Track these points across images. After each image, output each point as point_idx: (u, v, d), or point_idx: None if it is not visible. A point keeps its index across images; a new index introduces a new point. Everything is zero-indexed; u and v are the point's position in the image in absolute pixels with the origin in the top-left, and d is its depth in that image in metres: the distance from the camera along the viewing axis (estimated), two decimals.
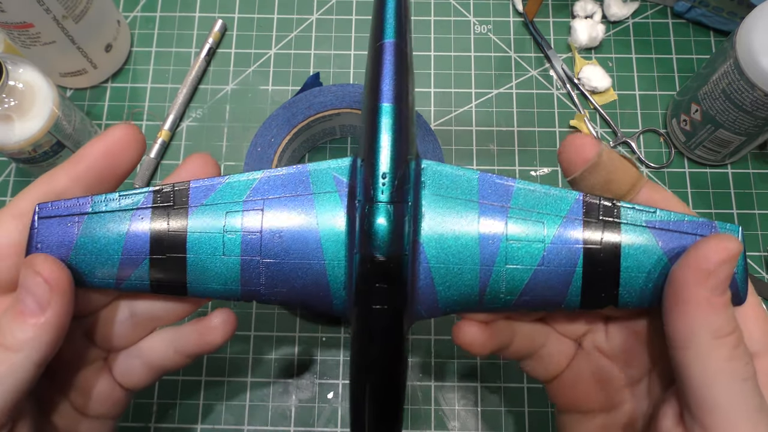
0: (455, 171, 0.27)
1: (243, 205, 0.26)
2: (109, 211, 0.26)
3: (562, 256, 0.26)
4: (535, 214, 0.26)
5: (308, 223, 0.26)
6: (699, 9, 0.53)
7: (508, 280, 0.26)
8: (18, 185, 0.51)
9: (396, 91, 0.25)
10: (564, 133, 0.52)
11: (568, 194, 0.26)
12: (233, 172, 0.32)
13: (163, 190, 0.27)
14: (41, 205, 0.26)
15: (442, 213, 0.26)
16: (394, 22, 0.26)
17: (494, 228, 0.26)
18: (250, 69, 0.54)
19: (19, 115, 0.42)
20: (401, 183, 0.25)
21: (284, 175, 0.27)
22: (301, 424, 0.45)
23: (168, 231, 0.26)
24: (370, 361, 0.26)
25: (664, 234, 0.25)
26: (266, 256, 0.26)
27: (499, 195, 0.26)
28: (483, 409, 0.45)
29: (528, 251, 0.26)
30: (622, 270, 0.26)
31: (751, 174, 0.50)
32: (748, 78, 0.41)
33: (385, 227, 0.24)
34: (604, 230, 0.26)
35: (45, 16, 0.44)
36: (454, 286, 0.26)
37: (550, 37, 0.55)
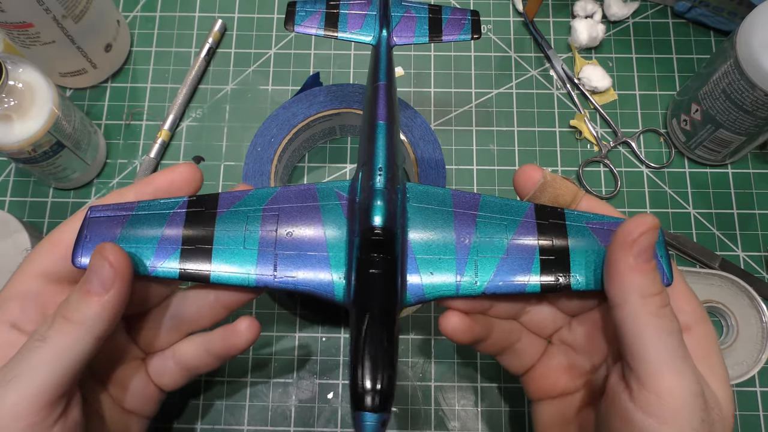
0: (432, 189, 0.33)
1: (263, 210, 0.32)
2: (150, 213, 0.31)
3: (522, 249, 0.32)
4: (498, 218, 0.32)
5: (315, 224, 0.32)
6: (699, 9, 0.53)
7: (479, 269, 0.32)
8: (18, 185, 0.51)
9: (387, 115, 0.33)
10: (564, 132, 0.52)
11: (522, 204, 0.33)
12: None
13: (196, 198, 0.32)
14: (93, 206, 0.31)
15: (425, 218, 0.32)
16: (385, 69, 0.35)
17: (466, 228, 0.32)
18: (250, 69, 0.54)
19: (18, 115, 0.42)
20: (393, 179, 0.31)
21: (296, 189, 0.33)
22: (301, 424, 0.45)
23: (198, 227, 0.31)
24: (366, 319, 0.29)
25: (599, 231, 0.32)
26: (279, 249, 0.31)
27: (469, 205, 0.33)
28: (483, 409, 0.45)
29: (494, 245, 0.32)
30: (571, 258, 0.31)
31: (751, 174, 0.50)
32: (748, 78, 0.41)
33: (382, 205, 0.30)
34: (554, 230, 0.32)
35: (45, 16, 0.44)
36: (436, 275, 0.31)
37: (550, 37, 0.55)
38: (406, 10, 0.39)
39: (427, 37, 0.38)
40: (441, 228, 0.32)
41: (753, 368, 0.44)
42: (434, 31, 0.38)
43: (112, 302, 0.28)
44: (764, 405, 0.45)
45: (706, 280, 0.46)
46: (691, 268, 0.46)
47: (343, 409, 0.45)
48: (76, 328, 0.27)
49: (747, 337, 0.45)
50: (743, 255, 0.48)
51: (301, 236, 0.31)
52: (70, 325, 0.27)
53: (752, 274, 0.47)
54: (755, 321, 0.45)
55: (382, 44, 0.37)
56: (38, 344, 0.27)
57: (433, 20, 0.39)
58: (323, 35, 0.38)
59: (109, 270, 0.28)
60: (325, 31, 0.38)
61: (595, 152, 0.51)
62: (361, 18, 0.38)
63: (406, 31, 0.38)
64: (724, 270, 0.47)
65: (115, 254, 0.28)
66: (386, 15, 0.38)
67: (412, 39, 0.38)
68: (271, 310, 0.47)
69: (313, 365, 0.46)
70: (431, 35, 0.38)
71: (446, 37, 0.38)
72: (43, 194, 0.50)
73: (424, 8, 0.39)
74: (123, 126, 0.52)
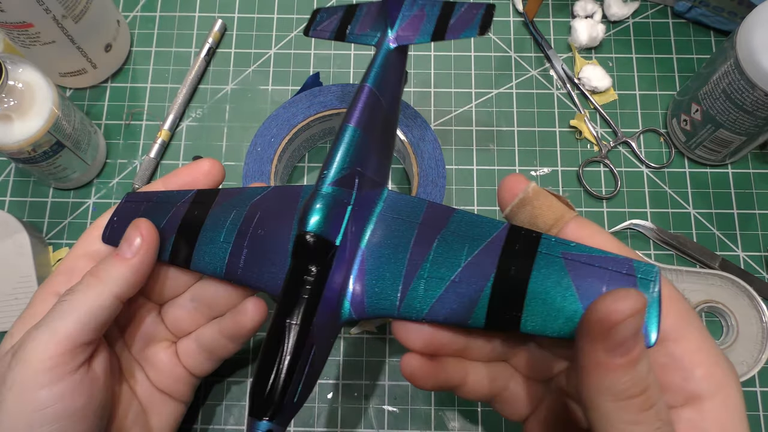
0: (409, 199, 0.31)
1: (248, 207, 0.33)
2: (163, 202, 0.35)
3: (475, 275, 0.27)
4: (462, 238, 0.28)
5: (287, 226, 0.31)
6: (699, 9, 0.53)
7: (423, 293, 0.28)
8: (18, 185, 0.51)
9: (360, 119, 0.31)
10: (564, 132, 0.52)
11: (497, 223, 0.28)
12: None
13: (202, 192, 0.35)
14: (129, 194, 0.36)
15: (386, 229, 0.30)
16: (376, 71, 0.33)
17: (423, 247, 0.29)
18: (250, 69, 0.54)
19: (18, 115, 0.42)
20: (345, 184, 0.29)
21: (287, 189, 0.33)
22: (301, 424, 0.45)
23: (193, 218, 0.34)
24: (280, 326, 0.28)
25: (578, 266, 0.26)
26: (249, 245, 0.32)
27: (439, 220, 0.29)
28: (483, 409, 0.45)
29: (446, 268, 0.28)
30: (528, 295, 0.26)
31: (751, 174, 0.50)
32: (748, 78, 0.41)
33: (319, 210, 0.28)
34: (519, 256, 0.27)
35: (45, 16, 0.44)
36: (379, 293, 0.29)
37: (550, 36, 0.55)
38: (419, 8, 0.37)
39: (430, 36, 0.35)
40: (398, 242, 0.29)
41: (753, 368, 0.44)
42: (439, 30, 0.36)
43: (135, 266, 0.32)
44: (764, 405, 0.45)
45: (706, 280, 0.46)
46: (691, 268, 0.46)
47: (343, 409, 0.45)
48: (101, 284, 0.31)
49: (747, 337, 0.45)
50: (743, 255, 0.48)
51: (272, 236, 0.31)
52: (95, 281, 0.31)
53: (752, 274, 0.47)
54: (755, 321, 0.45)
55: (382, 45, 0.35)
56: (67, 296, 0.31)
57: (442, 17, 0.36)
58: (332, 38, 0.39)
59: (138, 239, 0.32)
60: (336, 33, 0.39)
61: (595, 152, 0.51)
62: (371, 20, 0.38)
63: (411, 29, 0.36)
64: (724, 270, 0.47)
65: (147, 228, 0.33)
66: (388, 14, 0.36)
67: (413, 38, 0.36)
68: (271, 310, 0.47)
69: None
70: (435, 34, 0.35)
71: (449, 35, 0.35)
72: (43, 194, 0.50)
73: (437, 4, 0.36)
74: (123, 126, 0.52)
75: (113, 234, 0.35)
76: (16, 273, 0.45)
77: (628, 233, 0.49)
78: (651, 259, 0.47)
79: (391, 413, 0.45)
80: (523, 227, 0.28)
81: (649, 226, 0.48)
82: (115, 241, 0.34)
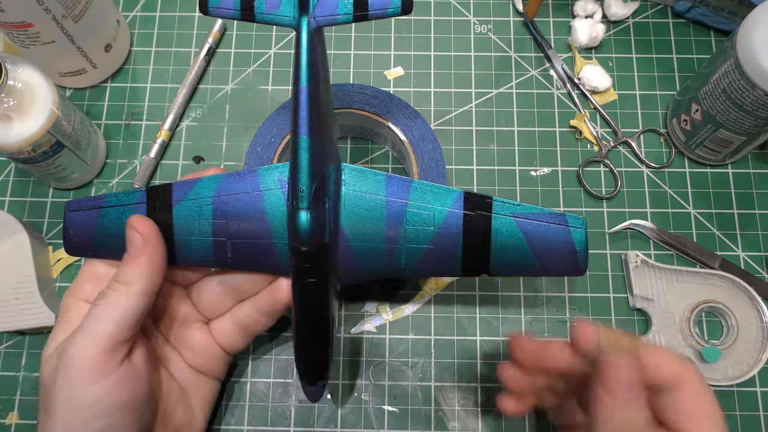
0: (366, 171, 0.36)
1: (212, 200, 0.36)
2: (118, 204, 0.36)
3: (447, 238, 0.35)
4: (427, 207, 0.35)
5: (259, 214, 0.35)
6: (699, 9, 0.53)
7: (406, 255, 0.35)
8: (17, 185, 0.51)
9: (310, 126, 0.33)
10: (564, 132, 0.52)
11: (453, 191, 0.35)
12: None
13: (154, 189, 0.36)
14: (69, 202, 0.37)
15: (358, 205, 0.35)
16: (307, 65, 0.33)
17: (397, 216, 0.35)
18: (250, 69, 0.54)
19: (18, 115, 0.42)
20: (318, 192, 0.33)
21: (240, 175, 0.36)
22: (301, 424, 0.45)
23: (159, 217, 0.36)
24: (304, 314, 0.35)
25: (524, 222, 0.35)
26: (231, 237, 0.35)
27: (401, 191, 0.35)
28: (483, 409, 0.45)
29: (422, 234, 0.35)
30: (491, 247, 0.35)
31: (751, 174, 0.50)
32: (748, 77, 0.41)
33: (305, 227, 0.33)
34: (478, 219, 0.35)
35: (44, 16, 0.44)
36: (367, 258, 0.35)
37: (550, 36, 0.55)
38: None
39: (352, 14, 0.33)
40: (372, 215, 0.35)
41: (753, 368, 0.44)
42: (360, 6, 0.33)
43: (147, 261, 0.34)
44: (764, 405, 0.45)
45: (706, 280, 0.46)
46: (691, 268, 0.46)
47: (343, 409, 0.45)
48: (125, 287, 0.34)
49: (747, 337, 0.45)
50: (743, 255, 0.48)
51: (249, 226, 0.35)
52: (120, 286, 0.34)
53: (752, 274, 0.47)
54: (755, 321, 0.45)
55: (303, 27, 0.33)
56: (100, 301, 0.34)
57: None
58: (240, 17, 0.35)
59: (138, 237, 0.34)
60: (242, 11, 0.35)
61: (596, 152, 0.51)
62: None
63: (329, 7, 0.33)
64: (724, 270, 0.47)
65: (141, 223, 0.35)
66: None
67: (335, 18, 0.33)
68: None
69: None
70: (356, 11, 0.33)
71: (373, 12, 0.33)
72: (42, 194, 0.50)
73: None
74: (123, 126, 0.52)
75: (76, 246, 0.37)
76: (16, 273, 0.45)
77: (628, 233, 0.49)
78: (651, 259, 0.48)
79: (391, 413, 0.45)
80: (474, 194, 0.35)
81: (649, 226, 0.48)
82: (81, 251, 0.37)
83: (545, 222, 0.35)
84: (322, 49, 0.34)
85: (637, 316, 0.47)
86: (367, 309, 0.47)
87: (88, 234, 0.37)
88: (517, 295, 0.47)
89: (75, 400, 0.32)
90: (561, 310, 0.47)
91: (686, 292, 0.46)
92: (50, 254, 0.48)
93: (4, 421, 0.45)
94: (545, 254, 0.35)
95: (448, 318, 0.47)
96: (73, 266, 0.48)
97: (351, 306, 0.47)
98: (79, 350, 0.32)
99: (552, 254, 0.35)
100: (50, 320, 0.44)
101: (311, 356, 0.37)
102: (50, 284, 0.47)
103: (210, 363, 0.40)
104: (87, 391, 0.32)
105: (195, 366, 0.40)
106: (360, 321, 0.47)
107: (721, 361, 0.44)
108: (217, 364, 0.41)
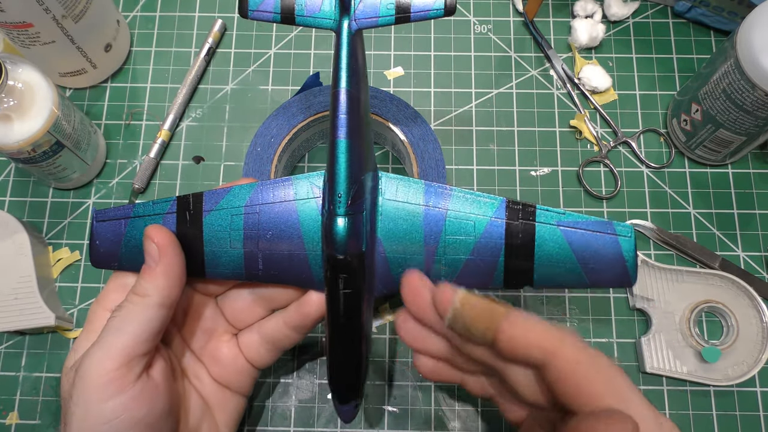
0: (405, 180, 0.34)
1: (244, 209, 0.34)
2: (146, 215, 0.35)
3: (489, 248, 0.33)
4: (468, 216, 0.33)
5: (292, 225, 0.34)
6: (699, 9, 0.53)
7: (446, 266, 0.34)
8: (18, 185, 0.51)
9: (349, 129, 0.32)
10: (564, 132, 0.52)
11: (494, 199, 0.34)
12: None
13: (184, 198, 0.35)
14: (97, 211, 0.35)
15: (395, 214, 0.34)
16: (347, 67, 0.32)
17: (435, 226, 0.33)
18: (250, 69, 0.54)
19: (18, 115, 0.42)
20: (356, 198, 0.32)
21: (274, 184, 0.35)
22: (301, 424, 0.45)
23: (189, 228, 0.34)
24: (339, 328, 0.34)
25: (569, 231, 0.33)
26: (262, 249, 0.34)
27: (440, 200, 0.34)
28: (483, 410, 0.45)
29: (462, 244, 0.33)
30: (536, 258, 0.33)
31: (751, 174, 0.50)
32: (748, 78, 0.41)
33: (342, 234, 0.32)
34: (522, 229, 0.33)
35: (44, 16, 0.44)
36: (404, 270, 0.33)
37: (550, 36, 0.55)
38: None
39: (394, 16, 0.33)
40: (410, 225, 0.34)
41: (753, 368, 0.44)
42: (402, 8, 0.33)
43: (163, 272, 0.33)
44: (764, 405, 0.45)
45: (707, 280, 0.46)
46: (691, 268, 0.46)
47: None
48: (141, 300, 0.32)
49: (747, 337, 0.45)
50: (743, 255, 0.48)
51: (281, 237, 0.34)
52: (137, 298, 0.32)
53: (752, 274, 0.47)
54: (755, 321, 0.45)
55: (342, 31, 0.32)
56: (117, 313, 0.32)
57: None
58: (280, 20, 0.34)
59: (154, 248, 0.33)
60: (282, 13, 0.34)
61: (596, 152, 0.51)
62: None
63: (371, 11, 0.33)
64: (725, 270, 0.47)
65: (158, 233, 0.33)
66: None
67: (377, 20, 0.33)
68: None
69: (313, 365, 0.46)
70: (398, 13, 0.33)
71: (415, 14, 0.33)
72: (43, 194, 0.50)
73: None
74: (123, 126, 0.52)
75: (102, 257, 0.35)
76: (16, 273, 0.45)
77: None
78: (651, 259, 0.48)
79: (391, 413, 0.45)
80: (518, 201, 0.33)
81: (650, 226, 0.48)
82: (106, 263, 0.36)
83: (592, 231, 0.33)
84: (362, 52, 0.33)
85: (638, 316, 0.47)
86: None
87: (115, 245, 0.35)
88: (518, 295, 0.47)
89: (90, 416, 0.31)
90: (561, 310, 0.47)
91: (686, 292, 0.46)
92: (50, 254, 0.48)
93: (4, 421, 0.45)
94: (593, 264, 0.33)
95: None
96: (73, 266, 0.48)
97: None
98: (94, 364, 0.31)
99: (600, 264, 0.33)
100: (50, 320, 0.44)
101: (345, 373, 0.35)
102: (50, 284, 0.47)
103: (236, 377, 0.38)
104: (102, 407, 0.30)
105: (221, 380, 0.38)
106: None
107: (721, 361, 0.44)
108: (244, 379, 0.39)
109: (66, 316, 0.47)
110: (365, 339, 0.35)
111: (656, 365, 0.45)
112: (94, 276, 0.48)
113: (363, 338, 0.34)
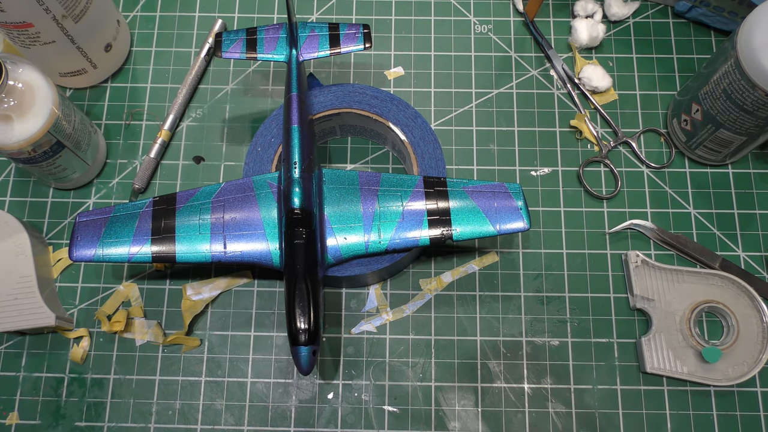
0: (342, 172, 0.44)
1: (212, 202, 0.43)
2: (125, 213, 0.43)
3: (414, 212, 0.42)
4: (395, 190, 0.43)
5: (253, 210, 0.43)
6: (700, 9, 0.53)
7: (382, 231, 0.42)
8: (18, 185, 0.51)
9: (300, 119, 0.43)
10: (564, 132, 0.52)
11: (413, 177, 0.43)
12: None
13: (159, 198, 0.43)
14: (81, 214, 0.43)
15: (338, 196, 0.43)
16: (296, 81, 0.44)
17: (370, 201, 0.43)
18: (250, 69, 0.54)
19: (18, 115, 0.42)
20: (307, 169, 0.41)
21: (237, 183, 0.43)
22: (301, 424, 0.45)
23: (163, 221, 0.42)
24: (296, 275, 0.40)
25: (474, 193, 0.43)
26: (227, 231, 0.42)
27: (372, 182, 0.43)
28: (483, 410, 0.45)
29: (392, 212, 0.42)
30: (452, 217, 0.42)
31: (751, 174, 0.50)
32: (749, 78, 0.41)
33: (298, 191, 0.40)
34: (437, 194, 0.43)
35: (45, 16, 0.44)
36: (348, 239, 0.42)
37: (551, 36, 0.55)
38: (310, 29, 0.46)
39: (328, 51, 0.46)
40: (350, 202, 0.43)
41: (753, 368, 0.44)
42: (334, 45, 0.46)
43: None
44: (764, 405, 0.45)
45: (707, 280, 0.46)
46: (692, 268, 0.46)
47: (343, 409, 0.45)
48: None
49: (747, 337, 0.45)
50: (744, 255, 0.48)
51: (243, 219, 0.42)
52: None
53: (752, 274, 0.47)
54: (755, 321, 0.45)
55: (293, 61, 0.45)
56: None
57: (333, 36, 0.46)
58: (246, 58, 0.46)
59: None
60: (247, 54, 0.46)
61: (596, 152, 0.51)
62: (275, 41, 0.46)
63: (311, 47, 0.46)
64: (725, 270, 0.47)
65: None
66: (294, 37, 0.45)
67: (316, 54, 0.46)
68: (271, 310, 0.47)
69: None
70: (331, 48, 0.46)
71: (344, 49, 0.46)
72: (43, 194, 0.50)
73: (324, 26, 0.47)
74: (123, 126, 0.52)
75: (80, 250, 0.42)
76: (16, 273, 0.45)
77: (629, 233, 0.49)
78: (651, 259, 0.48)
79: (391, 413, 0.45)
80: (433, 177, 0.43)
81: (650, 226, 0.48)
82: (83, 257, 0.41)
83: (490, 191, 0.43)
84: (304, 74, 0.46)
85: (638, 316, 0.47)
86: (367, 309, 0.47)
87: (94, 239, 0.42)
88: (518, 295, 0.47)
89: None
90: (561, 310, 0.47)
91: (687, 292, 0.46)
92: (50, 254, 0.48)
93: (4, 421, 0.45)
94: (495, 214, 0.42)
95: (448, 318, 0.47)
96: (73, 266, 0.48)
97: (351, 306, 0.47)
98: None
99: (501, 214, 0.42)
100: (50, 320, 0.44)
101: (303, 318, 0.39)
102: (50, 284, 0.47)
103: None
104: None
105: None
106: (360, 321, 0.47)
107: (721, 361, 0.44)
108: None
109: (66, 316, 0.47)
110: (319, 288, 0.40)
111: (657, 365, 0.45)
112: (94, 276, 0.48)
113: (318, 286, 0.40)
